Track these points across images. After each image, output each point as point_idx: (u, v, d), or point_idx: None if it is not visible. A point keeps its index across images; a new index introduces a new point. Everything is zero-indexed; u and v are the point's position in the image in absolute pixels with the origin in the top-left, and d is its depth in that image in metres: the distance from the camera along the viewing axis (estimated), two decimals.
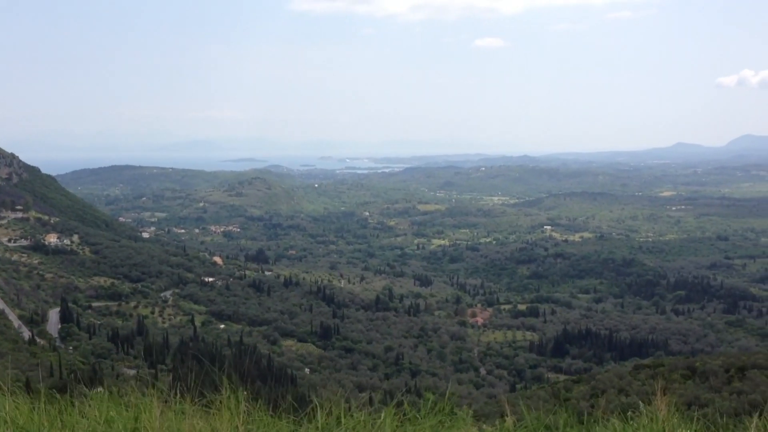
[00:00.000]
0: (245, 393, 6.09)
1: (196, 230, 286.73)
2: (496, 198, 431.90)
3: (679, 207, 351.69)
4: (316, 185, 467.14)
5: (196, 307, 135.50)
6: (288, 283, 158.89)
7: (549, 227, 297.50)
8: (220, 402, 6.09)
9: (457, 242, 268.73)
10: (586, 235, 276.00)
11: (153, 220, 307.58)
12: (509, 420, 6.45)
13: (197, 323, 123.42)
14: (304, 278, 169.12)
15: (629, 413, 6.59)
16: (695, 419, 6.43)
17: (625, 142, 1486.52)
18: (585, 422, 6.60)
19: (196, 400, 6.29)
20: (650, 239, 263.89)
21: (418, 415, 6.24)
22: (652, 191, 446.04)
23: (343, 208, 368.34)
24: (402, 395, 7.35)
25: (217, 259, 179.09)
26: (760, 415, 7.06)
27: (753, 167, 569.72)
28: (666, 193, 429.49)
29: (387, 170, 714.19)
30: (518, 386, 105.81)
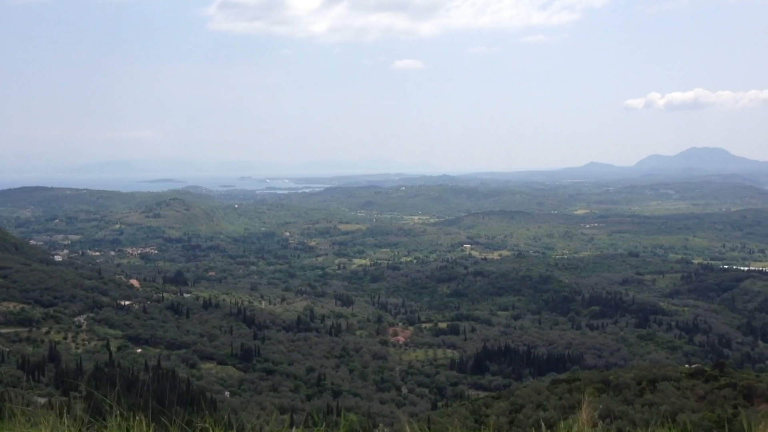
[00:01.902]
0: (137, 417, 6.09)
1: (112, 253, 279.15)
2: (416, 217, 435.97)
3: (592, 225, 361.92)
4: (236, 206, 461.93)
5: (111, 331, 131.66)
6: (207, 305, 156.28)
7: (468, 245, 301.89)
8: (112, 426, 6.07)
9: (378, 261, 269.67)
10: (504, 253, 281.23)
11: (66, 242, 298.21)
12: None
13: (113, 348, 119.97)
14: (224, 300, 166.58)
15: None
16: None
17: (541, 162, 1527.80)
18: None
19: (89, 425, 6.25)
20: (566, 256, 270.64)
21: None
22: (567, 209, 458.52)
23: (263, 229, 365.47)
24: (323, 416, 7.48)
25: (134, 282, 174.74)
26: (664, 424, 7.48)
27: (660, 186, 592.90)
28: (580, 211, 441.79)
29: (307, 190, 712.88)
30: (440, 404, 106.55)
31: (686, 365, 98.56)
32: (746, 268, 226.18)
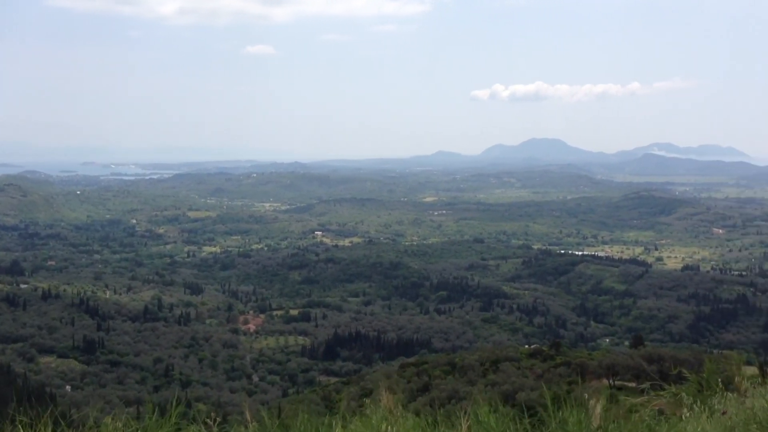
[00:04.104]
0: None
1: None
2: (267, 204, 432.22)
3: (440, 212, 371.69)
4: (79, 192, 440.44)
5: None
6: (47, 296, 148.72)
7: (320, 233, 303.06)
8: None
9: (229, 249, 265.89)
10: (355, 239, 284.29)
11: None
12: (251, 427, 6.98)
13: None
14: (65, 290, 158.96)
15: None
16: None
17: (391, 150, 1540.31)
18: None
19: None
20: (415, 243, 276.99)
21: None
22: (417, 197, 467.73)
23: (108, 216, 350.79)
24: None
25: None
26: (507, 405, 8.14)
27: (504, 174, 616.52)
28: (429, 199, 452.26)
29: (155, 176, 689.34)
30: (290, 391, 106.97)
31: (526, 346, 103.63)
32: (580, 253, 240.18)
